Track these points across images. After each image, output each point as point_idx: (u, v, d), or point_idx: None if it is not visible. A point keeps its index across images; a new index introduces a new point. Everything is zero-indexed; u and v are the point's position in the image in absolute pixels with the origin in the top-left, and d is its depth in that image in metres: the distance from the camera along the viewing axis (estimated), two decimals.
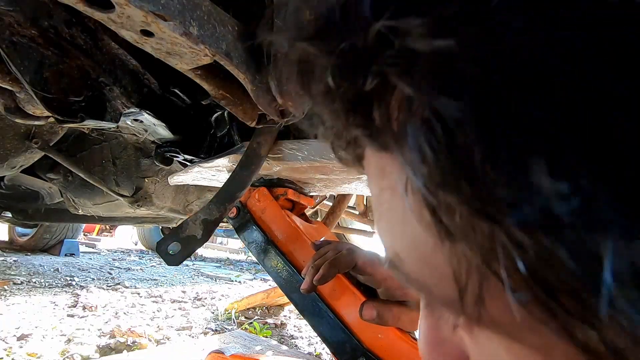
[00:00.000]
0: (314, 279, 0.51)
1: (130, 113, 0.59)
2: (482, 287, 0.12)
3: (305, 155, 0.54)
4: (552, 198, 0.09)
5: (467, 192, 0.11)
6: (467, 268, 0.12)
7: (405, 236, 0.15)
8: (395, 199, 0.15)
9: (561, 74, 0.09)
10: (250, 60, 0.40)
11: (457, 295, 0.13)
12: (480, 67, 0.10)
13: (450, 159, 0.11)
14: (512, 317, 0.12)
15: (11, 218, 2.00)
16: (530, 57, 0.10)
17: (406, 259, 0.16)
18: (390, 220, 0.16)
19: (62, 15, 0.43)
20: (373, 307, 0.50)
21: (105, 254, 4.31)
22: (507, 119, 0.10)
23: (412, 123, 0.12)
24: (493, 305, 0.12)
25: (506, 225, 0.10)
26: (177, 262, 0.52)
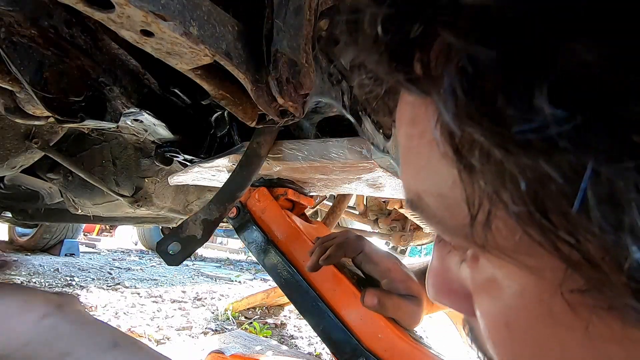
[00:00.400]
0: (320, 259, 0.52)
1: (130, 113, 0.59)
2: (490, 214, 0.14)
3: (305, 155, 0.54)
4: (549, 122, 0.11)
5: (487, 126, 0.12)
6: (479, 198, 0.14)
7: (428, 176, 0.17)
8: (423, 143, 0.17)
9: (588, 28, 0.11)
10: (250, 60, 0.40)
11: (468, 223, 0.15)
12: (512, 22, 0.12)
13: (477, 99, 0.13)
14: (513, 240, 0.14)
15: (11, 218, 2.00)
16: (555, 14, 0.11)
17: (426, 196, 0.18)
18: (416, 163, 0.18)
19: (62, 15, 0.43)
20: (375, 295, 0.50)
21: (105, 254, 4.30)
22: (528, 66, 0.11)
23: (449, 68, 0.13)
24: (498, 230, 0.14)
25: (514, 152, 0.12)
26: (177, 262, 0.52)
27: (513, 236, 0.14)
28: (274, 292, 2.00)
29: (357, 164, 0.52)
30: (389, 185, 0.65)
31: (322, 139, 0.55)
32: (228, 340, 1.54)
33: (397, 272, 0.54)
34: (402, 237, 1.93)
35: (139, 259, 4.15)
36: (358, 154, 0.51)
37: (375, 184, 0.64)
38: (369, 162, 0.51)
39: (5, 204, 1.83)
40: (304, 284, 0.55)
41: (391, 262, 0.55)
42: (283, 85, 0.41)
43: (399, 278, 0.54)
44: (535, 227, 0.13)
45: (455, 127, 0.13)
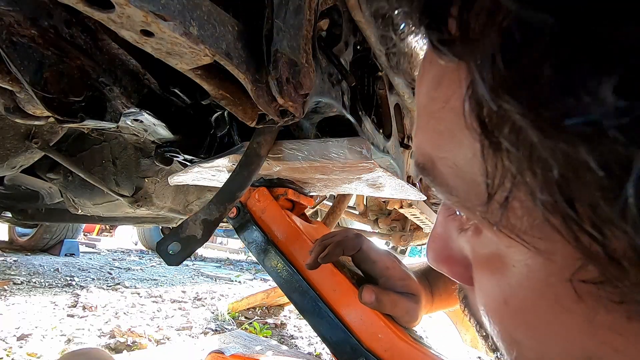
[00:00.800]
0: (319, 257, 0.52)
1: (130, 113, 0.59)
2: (510, 194, 0.14)
3: (305, 155, 0.54)
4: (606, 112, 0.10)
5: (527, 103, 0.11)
6: (500, 177, 0.14)
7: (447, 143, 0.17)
8: (446, 109, 0.16)
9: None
10: (250, 60, 0.40)
11: (483, 200, 0.15)
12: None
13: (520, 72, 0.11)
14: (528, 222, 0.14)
15: (11, 218, 2.00)
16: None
17: (441, 164, 0.17)
18: (435, 128, 0.17)
19: (62, 15, 0.43)
20: (372, 291, 0.51)
21: (105, 254, 4.30)
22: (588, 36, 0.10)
23: (491, 32, 0.12)
24: (514, 210, 0.14)
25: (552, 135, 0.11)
26: (177, 262, 0.52)
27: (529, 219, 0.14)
28: (274, 292, 2.00)
29: (357, 164, 0.52)
30: (389, 185, 0.65)
31: (322, 139, 0.55)
32: (228, 340, 1.54)
33: (395, 270, 0.55)
34: (402, 237, 1.93)
35: (139, 259, 4.15)
36: (358, 154, 0.51)
37: (375, 184, 0.64)
38: (369, 162, 0.51)
39: (5, 204, 1.83)
40: (303, 284, 0.55)
41: (389, 260, 0.55)
42: (283, 85, 0.41)
43: (397, 276, 0.54)
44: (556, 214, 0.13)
45: (489, 99, 0.12)
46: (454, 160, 0.16)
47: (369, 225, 2.07)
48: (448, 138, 0.16)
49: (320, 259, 0.52)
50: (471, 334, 1.34)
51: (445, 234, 0.22)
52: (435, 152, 0.18)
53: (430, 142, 0.18)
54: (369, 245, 0.56)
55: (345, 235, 0.56)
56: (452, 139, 0.16)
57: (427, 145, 0.18)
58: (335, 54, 0.62)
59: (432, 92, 0.17)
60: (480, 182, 0.15)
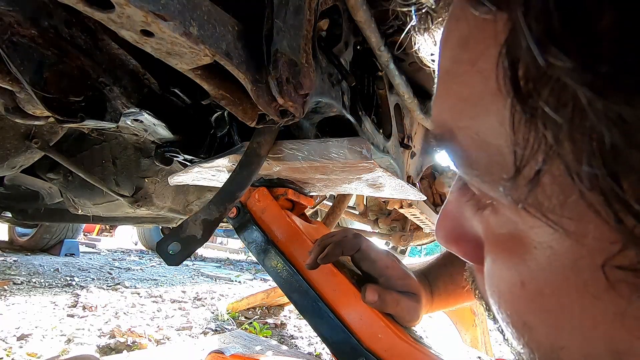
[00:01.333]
0: (318, 257, 0.52)
1: (130, 113, 0.59)
2: (542, 168, 0.12)
3: (305, 155, 0.54)
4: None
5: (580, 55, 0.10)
6: (532, 149, 0.12)
7: (470, 111, 0.15)
8: (472, 72, 0.15)
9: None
10: (250, 60, 0.40)
11: (509, 175, 0.13)
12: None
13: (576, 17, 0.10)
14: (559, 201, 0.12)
15: (11, 218, 2.00)
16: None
17: (461, 134, 0.16)
18: (457, 93, 0.16)
19: (62, 15, 0.43)
20: (375, 290, 0.50)
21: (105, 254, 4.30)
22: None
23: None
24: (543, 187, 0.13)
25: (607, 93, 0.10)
26: (177, 262, 0.52)
27: (561, 196, 0.12)
28: (274, 292, 2.00)
29: (357, 164, 0.52)
30: (389, 185, 0.65)
31: (322, 139, 0.55)
32: (228, 340, 1.54)
33: (395, 269, 0.55)
34: (402, 237, 1.93)
35: (139, 259, 4.14)
36: (358, 154, 0.51)
37: (375, 184, 0.64)
38: (369, 162, 0.51)
39: (5, 204, 1.83)
40: (303, 284, 0.55)
41: (389, 259, 0.55)
42: (283, 85, 0.41)
43: (397, 275, 0.54)
44: (596, 191, 0.11)
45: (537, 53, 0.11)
46: (477, 130, 0.15)
47: (369, 225, 2.07)
48: (472, 105, 0.15)
49: (320, 259, 0.52)
50: (471, 334, 1.34)
51: (457, 213, 0.21)
52: (455, 121, 0.16)
53: (451, 110, 0.16)
54: (368, 245, 0.56)
55: (344, 236, 0.56)
56: (476, 106, 0.15)
57: (447, 114, 0.17)
58: (335, 54, 0.62)
59: (458, 54, 0.16)
60: (507, 154, 0.13)
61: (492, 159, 0.14)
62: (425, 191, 1.78)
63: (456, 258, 0.60)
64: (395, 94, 0.88)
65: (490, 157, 0.14)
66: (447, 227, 0.22)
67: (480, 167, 0.15)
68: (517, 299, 0.16)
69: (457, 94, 0.16)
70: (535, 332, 0.16)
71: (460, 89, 0.15)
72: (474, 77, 0.14)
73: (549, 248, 0.14)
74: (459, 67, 0.15)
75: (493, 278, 0.18)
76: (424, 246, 3.93)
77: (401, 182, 0.64)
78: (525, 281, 0.15)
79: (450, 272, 0.59)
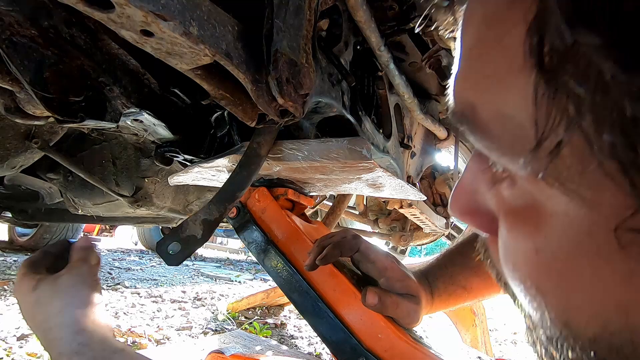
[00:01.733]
0: (317, 258, 0.52)
1: (130, 113, 0.59)
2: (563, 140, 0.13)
3: (305, 155, 0.54)
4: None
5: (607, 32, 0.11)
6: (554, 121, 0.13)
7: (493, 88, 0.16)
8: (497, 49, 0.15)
9: None
10: (250, 60, 0.40)
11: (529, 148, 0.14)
12: None
13: None
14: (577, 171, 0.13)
15: (11, 218, 2.00)
16: None
17: (483, 110, 0.17)
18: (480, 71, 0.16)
19: (62, 15, 0.43)
20: (376, 293, 0.50)
21: (105, 254, 4.30)
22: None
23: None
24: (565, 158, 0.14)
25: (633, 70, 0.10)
26: (177, 262, 0.52)
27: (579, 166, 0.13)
28: (274, 292, 2.00)
29: (357, 164, 0.52)
30: (389, 185, 0.65)
31: (322, 139, 0.55)
32: (228, 340, 1.54)
33: (394, 271, 0.54)
34: (402, 237, 1.93)
35: (139, 259, 4.14)
36: (358, 154, 0.51)
37: (375, 184, 0.64)
38: (369, 162, 0.51)
39: (5, 204, 1.83)
40: (304, 284, 0.55)
41: (388, 261, 0.55)
42: (283, 85, 0.41)
43: (396, 276, 0.54)
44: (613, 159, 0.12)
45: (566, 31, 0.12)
46: (499, 106, 0.16)
47: (369, 225, 2.07)
48: (495, 81, 0.16)
49: (319, 260, 0.52)
50: (471, 334, 1.34)
51: (473, 186, 0.22)
52: (477, 97, 0.17)
53: (473, 87, 0.17)
54: (367, 246, 0.56)
55: (343, 236, 0.56)
56: (499, 83, 0.15)
57: (469, 91, 0.18)
58: (335, 54, 0.62)
59: (482, 32, 0.16)
60: (528, 127, 0.14)
61: (513, 132, 0.15)
62: (425, 191, 1.78)
63: (456, 258, 0.60)
64: (395, 94, 0.88)
65: (512, 131, 0.15)
66: (462, 200, 0.23)
67: (500, 141, 0.16)
68: (531, 265, 0.17)
69: (481, 71, 0.16)
70: (550, 297, 0.17)
71: (484, 67, 0.16)
72: (498, 54, 0.15)
73: (565, 216, 0.15)
74: (484, 44, 0.16)
75: (508, 248, 0.19)
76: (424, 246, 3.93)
77: (401, 182, 0.64)
78: (540, 248, 0.16)
79: (451, 273, 0.59)
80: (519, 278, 0.18)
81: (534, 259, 0.17)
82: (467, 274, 0.57)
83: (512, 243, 0.18)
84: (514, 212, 0.18)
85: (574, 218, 0.15)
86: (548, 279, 0.17)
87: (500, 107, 0.16)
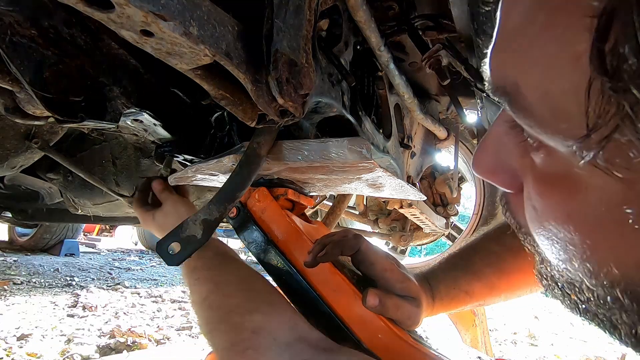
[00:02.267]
0: (317, 256, 0.52)
1: (130, 113, 0.59)
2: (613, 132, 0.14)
3: (305, 155, 0.54)
4: None
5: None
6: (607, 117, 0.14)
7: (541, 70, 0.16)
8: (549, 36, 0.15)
9: None
10: (250, 60, 0.40)
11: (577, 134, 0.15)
12: None
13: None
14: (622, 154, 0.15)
15: (11, 218, 2.00)
16: None
17: (528, 90, 0.17)
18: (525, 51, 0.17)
19: (62, 15, 0.43)
20: (376, 295, 0.50)
21: (105, 254, 4.30)
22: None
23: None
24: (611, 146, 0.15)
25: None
26: (177, 262, 0.52)
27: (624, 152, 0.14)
28: None
29: (357, 164, 0.52)
30: (389, 185, 0.65)
31: (322, 139, 0.55)
32: None
33: (393, 273, 0.54)
34: (402, 237, 1.93)
35: (139, 259, 4.14)
36: (358, 154, 0.51)
37: (375, 184, 0.64)
38: (369, 162, 0.51)
39: (5, 204, 1.83)
40: (304, 284, 0.55)
41: (388, 262, 0.55)
42: (283, 85, 0.41)
43: (396, 278, 0.54)
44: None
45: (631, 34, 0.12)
46: (546, 89, 0.16)
47: (369, 225, 2.07)
48: (544, 66, 0.16)
49: (319, 257, 0.52)
50: (471, 334, 1.34)
51: (498, 146, 0.23)
52: (521, 77, 0.17)
53: (518, 66, 0.18)
54: (367, 247, 0.56)
55: (344, 236, 0.56)
56: (549, 68, 0.16)
57: (513, 69, 0.18)
58: (335, 54, 0.62)
59: (532, 12, 0.16)
60: (576, 115, 0.15)
61: (559, 116, 0.16)
62: (425, 191, 1.78)
63: (458, 262, 0.60)
64: (395, 94, 0.88)
65: (557, 115, 0.16)
66: (487, 159, 0.24)
67: (544, 121, 0.17)
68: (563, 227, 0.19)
69: (527, 52, 0.17)
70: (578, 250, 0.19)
71: (530, 49, 0.16)
72: (550, 40, 0.15)
73: (601, 190, 0.17)
74: (532, 26, 0.16)
75: (538, 207, 0.21)
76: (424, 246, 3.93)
77: (401, 182, 0.64)
78: (572, 213, 0.18)
79: (453, 276, 0.58)
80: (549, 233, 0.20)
81: (565, 221, 0.19)
82: (469, 279, 0.57)
83: (544, 204, 0.20)
84: (546, 178, 0.20)
85: (610, 192, 0.16)
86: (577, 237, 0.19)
87: (547, 90, 0.16)
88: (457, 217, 1.82)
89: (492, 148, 0.24)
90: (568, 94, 0.15)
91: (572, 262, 0.20)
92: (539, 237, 0.22)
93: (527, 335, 2.30)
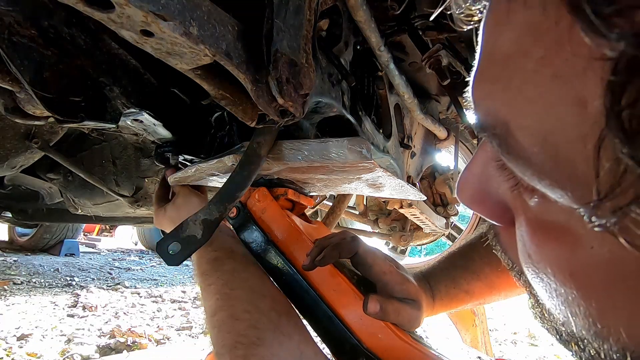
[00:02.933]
0: (315, 259, 0.52)
1: (130, 113, 0.59)
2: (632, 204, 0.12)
3: (305, 155, 0.54)
4: None
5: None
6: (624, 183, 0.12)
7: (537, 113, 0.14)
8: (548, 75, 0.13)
9: None
10: (250, 60, 0.40)
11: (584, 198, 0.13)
12: None
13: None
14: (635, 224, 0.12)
15: (11, 218, 2.00)
16: None
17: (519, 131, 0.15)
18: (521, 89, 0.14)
19: (62, 15, 0.43)
20: (377, 301, 0.50)
21: (105, 254, 4.30)
22: None
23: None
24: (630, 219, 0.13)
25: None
26: (177, 262, 0.52)
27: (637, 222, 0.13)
28: None
29: (357, 164, 0.52)
30: (389, 185, 0.65)
31: (322, 139, 0.55)
32: None
33: (392, 275, 0.54)
34: (402, 237, 1.93)
35: (139, 259, 4.14)
36: (358, 154, 0.51)
37: (375, 184, 0.64)
38: (369, 162, 0.51)
39: (5, 204, 1.83)
40: (304, 284, 0.55)
41: (387, 264, 0.55)
42: (283, 85, 0.41)
43: (395, 280, 0.53)
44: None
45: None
46: (544, 136, 0.14)
47: (369, 225, 2.07)
48: (543, 107, 0.13)
49: (317, 261, 0.52)
50: (471, 334, 1.34)
51: (485, 176, 0.21)
52: (515, 117, 0.15)
53: (509, 103, 0.15)
54: (366, 249, 0.55)
55: (342, 238, 0.55)
56: (549, 112, 0.13)
57: (503, 106, 0.15)
58: (335, 54, 0.62)
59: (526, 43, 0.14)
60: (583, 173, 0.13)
61: (561, 169, 0.14)
62: (425, 191, 1.78)
63: (458, 261, 0.60)
64: (395, 94, 0.88)
65: (560, 168, 0.14)
66: (473, 187, 0.22)
67: (541, 170, 0.15)
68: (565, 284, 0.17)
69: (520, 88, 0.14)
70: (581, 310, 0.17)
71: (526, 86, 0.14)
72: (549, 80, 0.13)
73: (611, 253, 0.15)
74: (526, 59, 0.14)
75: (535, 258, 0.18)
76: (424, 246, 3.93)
77: (401, 182, 0.64)
78: (576, 273, 0.16)
79: (453, 276, 0.58)
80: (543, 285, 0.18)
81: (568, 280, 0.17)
82: (469, 278, 0.57)
83: (540, 255, 0.18)
84: (542, 225, 0.17)
85: (617, 256, 0.14)
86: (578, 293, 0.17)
87: (546, 137, 0.14)
88: (457, 217, 1.82)
89: (478, 176, 0.21)
90: (573, 143, 0.13)
91: (574, 319, 0.18)
92: (536, 285, 0.19)
93: (527, 335, 2.30)
